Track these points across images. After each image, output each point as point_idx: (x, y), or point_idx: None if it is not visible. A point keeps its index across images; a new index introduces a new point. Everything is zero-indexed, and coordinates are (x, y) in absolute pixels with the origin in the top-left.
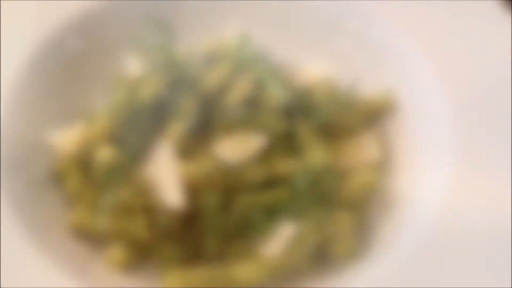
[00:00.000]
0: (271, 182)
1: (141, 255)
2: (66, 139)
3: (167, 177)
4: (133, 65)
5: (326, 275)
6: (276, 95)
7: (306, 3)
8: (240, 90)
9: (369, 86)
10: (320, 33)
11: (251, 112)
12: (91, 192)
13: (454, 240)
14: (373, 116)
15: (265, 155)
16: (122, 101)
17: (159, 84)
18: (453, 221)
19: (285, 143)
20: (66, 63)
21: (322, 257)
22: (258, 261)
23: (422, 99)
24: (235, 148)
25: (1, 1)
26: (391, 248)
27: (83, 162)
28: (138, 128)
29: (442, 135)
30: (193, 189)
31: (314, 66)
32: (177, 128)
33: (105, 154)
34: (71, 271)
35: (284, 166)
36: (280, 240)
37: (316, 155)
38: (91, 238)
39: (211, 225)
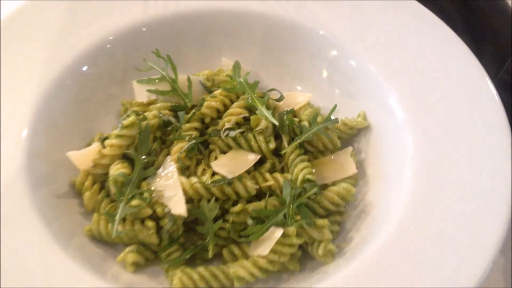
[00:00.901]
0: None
1: (150, 257)
2: (83, 157)
3: (173, 190)
4: (141, 92)
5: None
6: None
7: (291, 38)
8: (234, 114)
9: (346, 110)
10: (304, 63)
11: (244, 134)
12: (105, 203)
13: (415, 240)
14: (350, 136)
15: (256, 171)
16: (131, 123)
17: (164, 109)
18: (415, 224)
19: (273, 160)
20: (82, 91)
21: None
22: (250, 260)
23: (390, 121)
24: (230, 165)
25: (21, 39)
26: (364, 248)
27: (98, 177)
28: (146, 147)
29: (406, 153)
30: (195, 200)
31: (299, 93)
32: (180, 147)
33: (118, 170)
34: (90, 270)
35: (273, 180)
36: (268, 242)
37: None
38: (106, 243)
39: (211, 231)
